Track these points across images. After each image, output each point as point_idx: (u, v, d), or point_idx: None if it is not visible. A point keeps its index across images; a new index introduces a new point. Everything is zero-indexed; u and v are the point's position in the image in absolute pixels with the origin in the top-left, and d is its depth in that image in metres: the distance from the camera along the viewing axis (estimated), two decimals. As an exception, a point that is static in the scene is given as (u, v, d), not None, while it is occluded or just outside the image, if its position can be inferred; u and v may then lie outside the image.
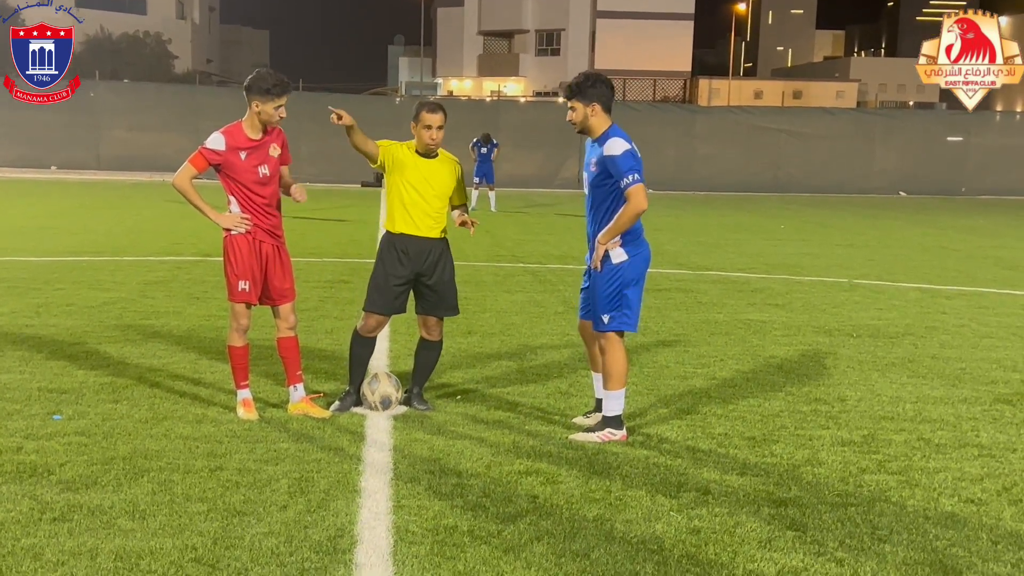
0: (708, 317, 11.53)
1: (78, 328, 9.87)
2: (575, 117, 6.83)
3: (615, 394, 6.82)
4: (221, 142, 6.80)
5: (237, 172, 6.82)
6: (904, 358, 9.61)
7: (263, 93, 6.79)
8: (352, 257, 15.81)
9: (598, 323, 6.86)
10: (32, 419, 6.80)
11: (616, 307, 6.78)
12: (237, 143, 6.83)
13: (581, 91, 6.74)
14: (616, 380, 6.83)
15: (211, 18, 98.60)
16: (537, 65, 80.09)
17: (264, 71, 7.02)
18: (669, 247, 18.80)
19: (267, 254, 6.99)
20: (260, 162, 6.88)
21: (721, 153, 42.60)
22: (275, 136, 7.01)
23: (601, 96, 6.74)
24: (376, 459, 6.25)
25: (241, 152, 6.82)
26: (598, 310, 6.83)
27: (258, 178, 6.87)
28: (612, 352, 6.84)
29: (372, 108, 41.32)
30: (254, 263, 6.93)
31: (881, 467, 6.36)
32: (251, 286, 6.93)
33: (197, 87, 47.27)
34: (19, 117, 39.72)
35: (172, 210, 23.40)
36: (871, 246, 20.50)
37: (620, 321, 6.80)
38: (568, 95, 6.81)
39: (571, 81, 6.85)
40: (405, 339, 9.42)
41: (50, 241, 17.11)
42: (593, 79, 6.77)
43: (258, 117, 6.85)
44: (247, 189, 6.86)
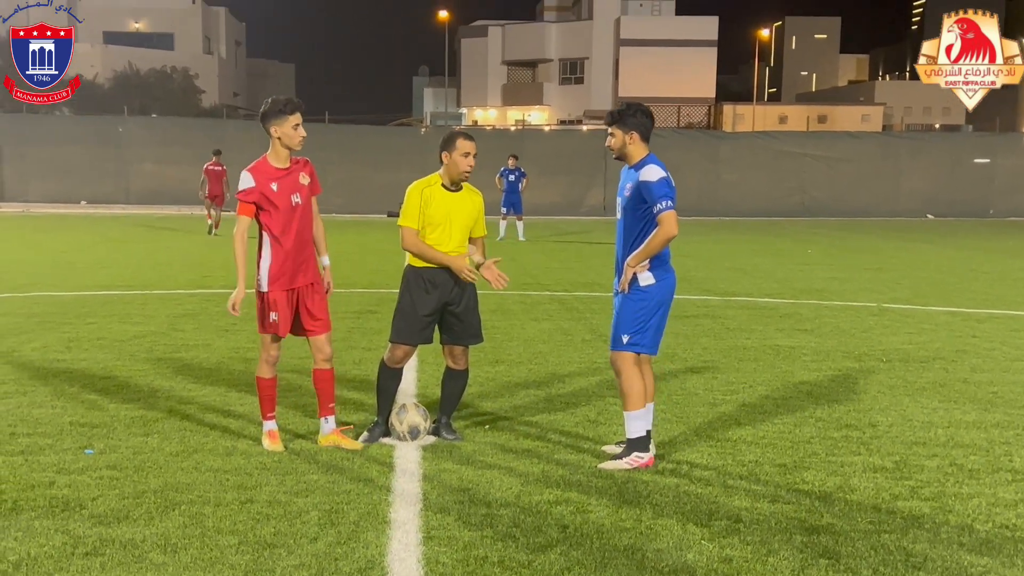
0: (736, 343, 11.49)
1: (109, 362, 9.94)
2: (614, 143, 6.92)
3: (634, 415, 6.82)
4: (250, 179, 6.86)
5: (273, 205, 6.86)
6: (935, 382, 9.54)
7: (277, 115, 6.86)
8: (379, 287, 15.85)
9: (616, 343, 6.88)
10: (64, 453, 6.85)
11: (638, 329, 6.80)
12: (266, 176, 6.88)
13: (622, 119, 6.87)
14: (634, 400, 6.83)
15: (238, 52, 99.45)
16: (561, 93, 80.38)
17: (273, 96, 7.09)
18: (696, 273, 18.77)
19: (300, 287, 7.02)
20: (292, 191, 6.92)
21: (746, 178, 42.56)
22: (303, 165, 7.07)
23: (640, 125, 6.85)
24: (406, 489, 6.25)
25: (272, 184, 6.86)
26: (619, 330, 6.86)
27: (291, 206, 6.91)
28: (626, 372, 6.85)
29: (397, 138, 41.60)
30: (284, 295, 6.96)
31: (914, 493, 6.31)
32: (280, 318, 6.97)
33: (224, 120, 47.67)
34: (50, 153, 40.30)
35: (200, 243, 23.56)
36: (899, 269, 20.39)
37: (638, 342, 6.82)
38: (609, 122, 6.95)
39: (613, 109, 6.98)
40: (434, 368, 9.42)
41: (81, 275, 17.25)
42: (635, 109, 6.91)
43: (280, 143, 6.91)
44: (281, 222, 6.89)
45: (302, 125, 6.94)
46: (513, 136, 45.84)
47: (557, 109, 79.80)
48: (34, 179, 40.52)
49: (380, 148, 39.31)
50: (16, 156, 40.36)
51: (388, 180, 36.65)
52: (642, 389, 6.87)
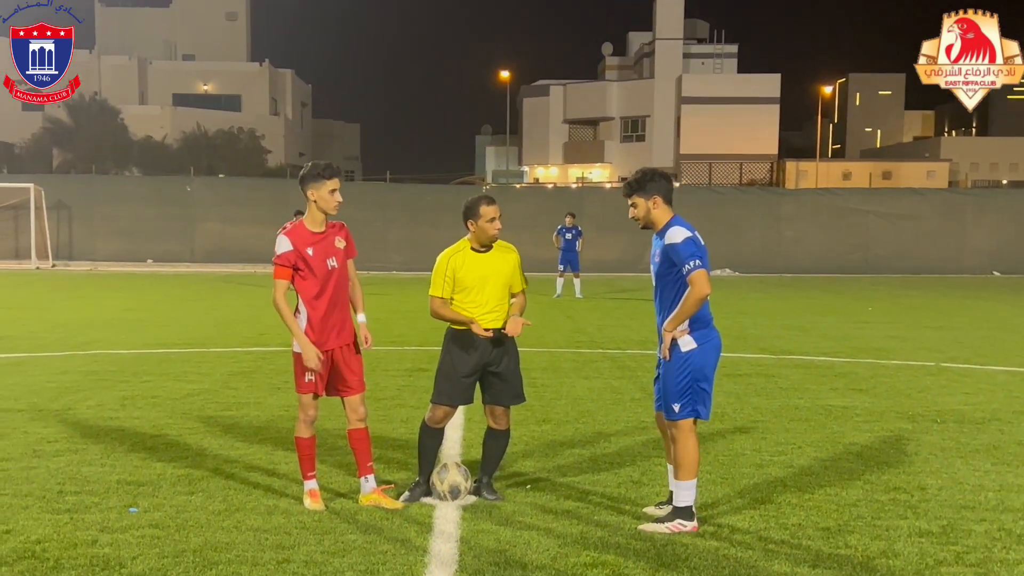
0: (788, 403, 11.37)
1: (160, 420, 10.07)
2: (637, 213, 6.90)
3: (686, 484, 6.76)
4: (287, 243, 6.97)
5: (309, 269, 6.96)
6: (989, 444, 9.36)
7: (315, 178, 6.99)
8: (432, 345, 15.81)
9: (669, 412, 6.83)
10: (109, 512, 6.94)
11: (687, 396, 6.75)
12: (302, 240, 6.99)
13: (641, 186, 6.85)
14: (687, 470, 6.77)
15: (303, 113, 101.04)
16: (622, 151, 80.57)
17: (313, 161, 7.22)
18: (752, 331, 18.62)
19: (335, 348, 7.09)
20: (327, 255, 7.03)
21: (808, 235, 42.21)
22: (338, 229, 7.17)
23: (661, 189, 6.83)
24: (442, 551, 6.24)
25: (308, 248, 6.98)
26: (669, 399, 6.82)
27: (327, 271, 7.01)
28: (683, 441, 6.80)
29: (460, 197, 41.84)
30: (321, 355, 7.04)
31: (959, 559, 6.18)
32: (317, 377, 7.04)
33: (288, 180, 48.35)
34: (118, 212, 41.14)
35: (260, 300, 23.84)
36: (961, 328, 20.07)
37: (691, 410, 6.78)
38: (628, 192, 6.90)
39: (629, 179, 6.94)
40: (479, 427, 9.41)
41: (140, 333, 17.52)
42: (651, 174, 6.89)
43: (316, 206, 7.03)
44: (317, 286, 6.98)
45: (339, 191, 7.06)
46: (573, 194, 45.97)
47: (618, 167, 79.95)
48: (102, 238, 41.32)
49: (442, 206, 39.53)
50: (85, 215, 41.20)
51: (449, 238, 35.94)
52: (697, 458, 6.81)
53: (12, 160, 63.80)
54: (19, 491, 7.41)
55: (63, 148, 67.38)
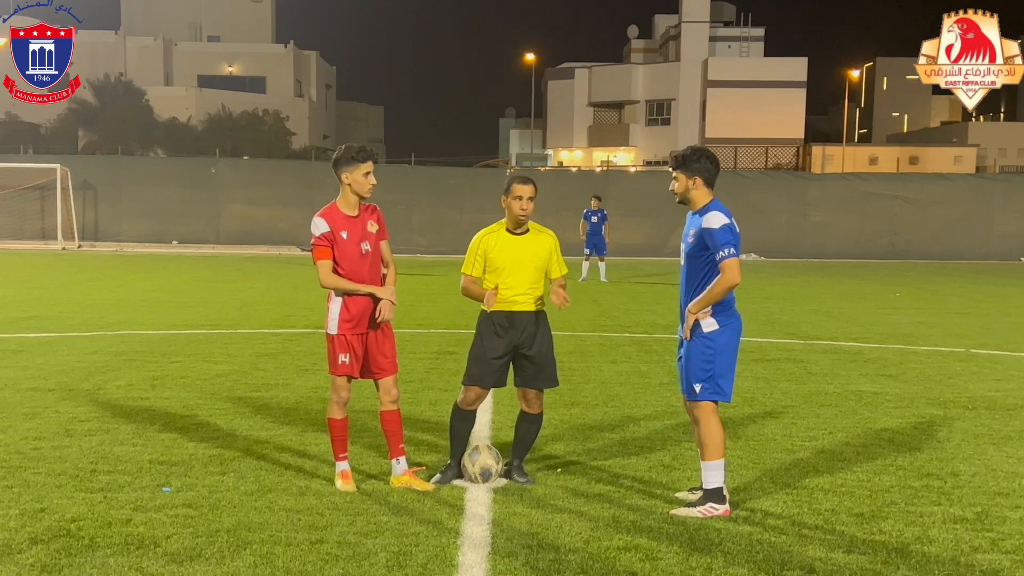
0: (818, 388, 11.32)
1: (190, 400, 10.11)
2: (677, 188, 6.89)
3: (712, 465, 6.74)
4: (324, 224, 6.97)
5: (343, 252, 6.96)
6: (1022, 431, 9.29)
7: (349, 161, 6.98)
8: (459, 328, 15.90)
9: (690, 392, 6.84)
10: (142, 491, 6.96)
11: (708, 377, 6.75)
12: (337, 223, 6.99)
13: (686, 164, 6.83)
14: (712, 450, 6.75)
15: (328, 95, 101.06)
16: (647, 135, 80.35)
17: (347, 143, 7.21)
18: (780, 316, 18.55)
19: (368, 330, 7.09)
20: (361, 239, 7.02)
21: (834, 220, 42.04)
22: (371, 212, 7.16)
23: (704, 171, 6.80)
24: (475, 533, 6.24)
25: (342, 232, 6.98)
26: (690, 379, 6.82)
27: (360, 255, 7.00)
28: (705, 422, 6.79)
29: (484, 179, 41.86)
30: (355, 338, 7.04)
31: (994, 546, 6.14)
32: (351, 359, 7.04)
33: (312, 162, 48.42)
34: (144, 193, 41.33)
35: (285, 282, 23.90)
36: (990, 314, 19.94)
37: (712, 391, 6.77)
38: (673, 166, 6.92)
39: (679, 152, 6.93)
40: (509, 410, 9.42)
41: (168, 314, 17.59)
42: (699, 154, 6.86)
43: (350, 189, 7.02)
44: (350, 270, 6.98)
45: (373, 173, 7.04)
46: (598, 177, 45.89)
47: (643, 150, 79.75)
48: (128, 219, 41.55)
49: (466, 189, 39.57)
50: (111, 196, 41.43)
51: (474, 221, 36.81)
52: (721, 439, 6.80)
53: (38, 141, 64.08)
54: (52, 470, 7.45)
55: (88, 129, 67.61)
